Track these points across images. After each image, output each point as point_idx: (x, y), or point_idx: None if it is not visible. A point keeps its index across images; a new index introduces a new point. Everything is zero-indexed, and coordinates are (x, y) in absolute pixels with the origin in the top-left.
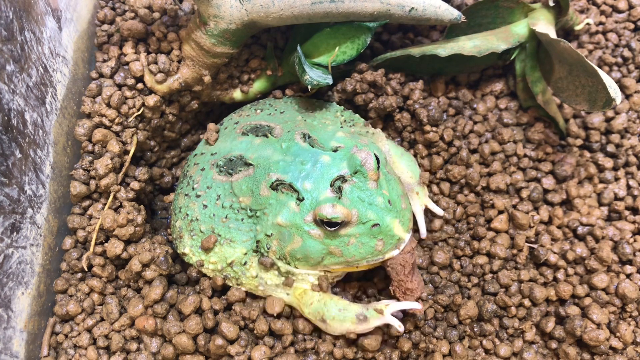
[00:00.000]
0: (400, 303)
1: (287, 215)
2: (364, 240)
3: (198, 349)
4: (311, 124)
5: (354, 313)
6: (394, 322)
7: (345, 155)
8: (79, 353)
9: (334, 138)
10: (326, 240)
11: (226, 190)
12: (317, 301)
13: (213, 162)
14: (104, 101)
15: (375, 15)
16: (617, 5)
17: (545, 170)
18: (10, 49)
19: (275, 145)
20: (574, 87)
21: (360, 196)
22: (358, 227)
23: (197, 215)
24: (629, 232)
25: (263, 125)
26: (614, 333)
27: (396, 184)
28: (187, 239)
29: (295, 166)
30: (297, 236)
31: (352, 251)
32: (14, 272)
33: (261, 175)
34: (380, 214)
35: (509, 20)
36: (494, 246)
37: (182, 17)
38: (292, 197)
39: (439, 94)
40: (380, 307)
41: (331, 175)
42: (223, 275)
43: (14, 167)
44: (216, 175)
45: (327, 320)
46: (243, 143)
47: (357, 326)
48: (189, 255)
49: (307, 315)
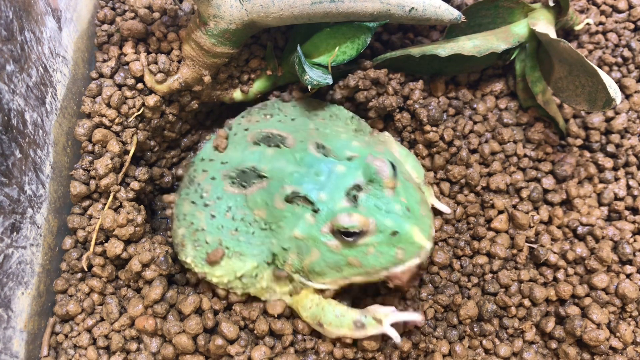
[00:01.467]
0: (401, 314)
1: (303, 227)
2: (383, 250)
3: (198, 349)
4: (324, 133)
5: (352, 320)
6: (392, 334)
7: (361, 164)
8: (79, 353)
9: (349, 147)
10: (344, 251)
11: (239, 202)
12: (316, 305)
13: (225, 172)
14: (104, 101)
15: (375, 15)
16: (617, 5)
17: (545, 170)
18: (10, 49)
19: (288, 157)
20: (574, 87)
21: (377, 204)
22: (377, 236)
23: (204, 226)
24: (629, 232)
25: (275, 135)
26: (614, 333)
27: (414, 191)
28: (189, 249)
29: (310, 177)
30: (314, 248)
31: (371, 261)
32: (14, 272)
33: (275, 187)
34: (398, 222)
35: (509, 20)
36: (494, 246)
37: (182, 17)
38: (308, 209)
39: (439, 94)
40: (380, 316)
41: (346, 184)
42: (228, 287)
43: (14, 167)
44: (228, 187)
45: (324, 325)
46: (255, 154)
47: (354, 332)
48: (191, 266)
49: (304, 318)
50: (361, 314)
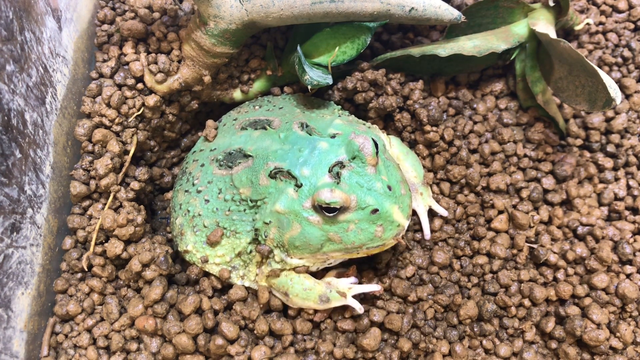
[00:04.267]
0: (362, 286)
1: (285, 202)
2: (363, 226)
3: (198, 349)
4: (309, 115)
5: (317, 294)
6: (355, 305)
7: (344, 141)
8: (79, 353)
9: (332, 125)
10: (325, 226)
11: (227, 183)
12: (285, 275)
13: (213, 157)
14: (104, 101)
15: (375, 15)
16: (617, 5)
17: (545, 170)
18: (10, 49)
19: (273, 136)
20: (574, 87)
21: (359, 181)
22: (357, 212)
23: (200, 211)
24: (629, 232)
25: (262, 119)
26: (614, 333)
27: (395, 170)
28: (189, 235)
29: (293, 153)
30: (295, 223)
31: (351, 237)
32: (14, 272)
33: (260, 165)
34: (379, 199)
35: (509, 20)
36: (494, 246)
37: (182, 17)
38: (291, 184)
39: (439, 94)
40: (343, 289)
41: (329, 161)
42: (231, 266)
43: (14, 167)
44: (216, 170)
45: (290, 296)
46: (242, 137)
47: (319, 305)
48: (192, 252)
49: (270, 284)
50: (326, 287)
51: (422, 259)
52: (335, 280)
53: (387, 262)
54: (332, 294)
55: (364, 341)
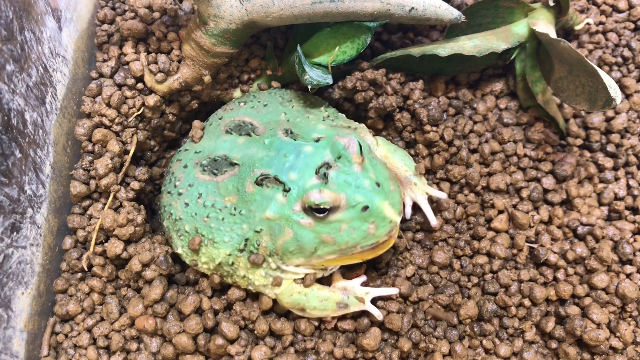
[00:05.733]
0: (379, 290)
1: (275, 207)
2: (355, 225)
3: (198, 348)
4: (293, 122)
5: (335, 302)
6: (374, 311)
7: (328, 142)
8: (79, 353)
9: (315, 130)
10: (317, 228)
11: (209, 189)
12: (298, 293)
13: (197, 160)
14: (104, 101)
15: (375, 15)
16: (617, 5)
17: (545, 170)
18: (10, 48)
19: (258, 143)
20: (574, 87)
21: (347, 180)
22: (348, 211)
23: (180, 215)
24: (629, 232)
25: (246, 123)
26: (614, 333)
27: (382, 168)
28: (176, 240)
29: (279, 159)
30: (287, 228)
31: (344, 237)
32: (14, 272)
33: (246, 172)
34: (368, 196)
35: (509, 20)
36: (494, 246)
37: (182, 17)
38: (279, 190)
39: (439, 93)
40: (361, 294)
41: (315, 163)
42: (219, 273)
43: (14, 167)
44: (199, 174)
45: (307, 310)
46: (227, 142)
47: (337, 312)
48: (183, 256)
49: (284, 304)
50: (343, 294)
51: (422, 258)
52: (350, 285)
53: (387, 262)
54: (350, 299)
55: (364, 341)
